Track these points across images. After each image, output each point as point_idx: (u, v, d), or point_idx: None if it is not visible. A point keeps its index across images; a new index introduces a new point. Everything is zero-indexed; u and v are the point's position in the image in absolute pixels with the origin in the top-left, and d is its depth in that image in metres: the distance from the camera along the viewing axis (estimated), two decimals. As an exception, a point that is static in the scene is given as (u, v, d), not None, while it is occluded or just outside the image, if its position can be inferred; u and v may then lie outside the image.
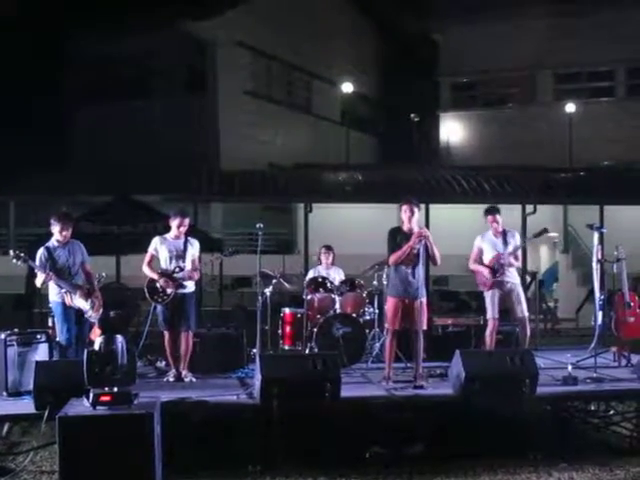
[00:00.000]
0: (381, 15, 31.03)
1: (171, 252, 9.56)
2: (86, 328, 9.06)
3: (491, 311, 10.01)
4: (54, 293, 9.01)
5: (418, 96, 29.88)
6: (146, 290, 9.58)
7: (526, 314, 10.08)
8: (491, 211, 10.26)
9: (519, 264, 10.43)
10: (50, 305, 9.13)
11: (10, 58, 22.88)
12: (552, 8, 26.72)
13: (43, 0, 23.21)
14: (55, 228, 9.02)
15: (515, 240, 10.14)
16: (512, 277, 10.08)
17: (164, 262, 9.56)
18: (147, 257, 9.64)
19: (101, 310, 9.18)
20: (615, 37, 26.28)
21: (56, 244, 9.03)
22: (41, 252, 8.96)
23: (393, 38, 31.37)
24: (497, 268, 9.97)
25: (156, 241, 9.63)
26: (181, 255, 9.57)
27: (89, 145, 23.83)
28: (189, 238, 9.73)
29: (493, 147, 27.81)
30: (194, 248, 9.72)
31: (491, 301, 10.02)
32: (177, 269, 9.50)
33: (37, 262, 8.93)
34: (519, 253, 10.21)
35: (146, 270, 9.60)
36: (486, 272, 10.02)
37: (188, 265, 9.57)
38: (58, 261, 8.95)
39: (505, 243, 10.08)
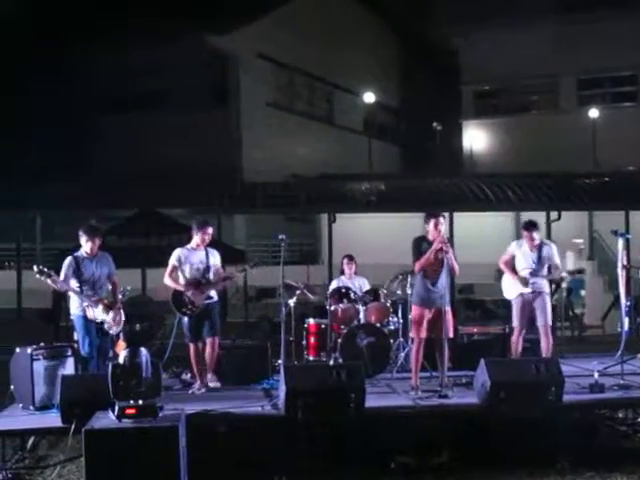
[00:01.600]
0: (402, 24, 31.09)
1: (195, 264, 9.55)
2: (108, 340, 9.07)
3: (516, 319, 10.02)
4: (75, 306, 9.02)
5: (440, 104, 29.91)
6: (172, 302, 9.55)
7: (549, 323, 10.02)
8: (528, 227, 10.14)
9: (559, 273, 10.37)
10: (71, 317, 9.16)
11: (33, 71, 23.11)
12: (574, 14, 26.65)
13: (67, 10, 23.44)
14: (82, 240, 9.08)
15: (550, 255, 10.04)
16: (539, 286, 10.04)
17: (189, 274, 9.56)
18: (169, 268, 9.62)
19: (122, 323, 9.20)
20: (637, 42, 26.15)
21: (85, 255, 9.06)
22: (69, 261, 9.00)
23: (415, 47, 31.42)
24: (527, 282, 9.94)
25: (178, 252, 9.62)
26: (205, 266, 9.59)
27: (113, 158, 23.97)
28: (208, 249, 9.73)
29: (516, 154, 27.73)
30: (215, 258, 9.72)
31: (516, 308, 10.04)
32: (204, 280, 9.51)
33: (63, 270, 8.94)
34: (557, 263, 10.14)
35: (168, 282, 9.58)
36: (516, 282, 9.99)
37: (211, 275, 9.60)
38: (85, 272, 8.97)
39: (539, 258, 10.01)
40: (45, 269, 8.79)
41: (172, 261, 9.60)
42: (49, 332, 14.06)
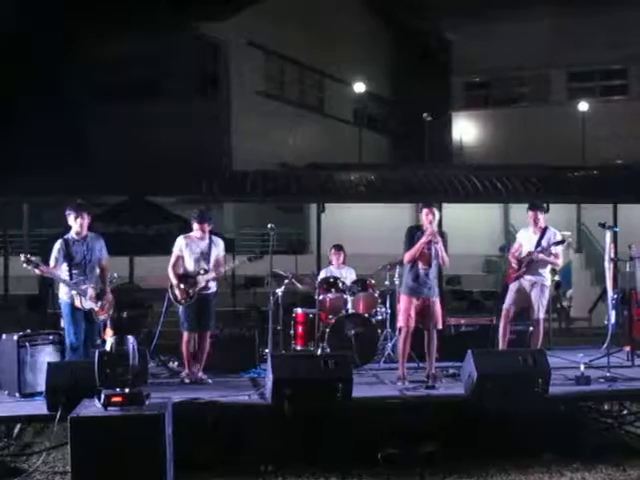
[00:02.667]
0: (394, 15, 31.03)
1: (196, 253, 9.47)
2: (95, 328, 8.93)
3: (506, 302, 10.02)
4: (64, 292, 8.89)
5: (431, 95, 29.88)
6: (169, 292, 9.53)
7: (541, 316, 10.01)
8: (532, 207, 10.16)
9: (557, 261, 10.22)
10: (59, 302, 9.04)
11: (24, 59, 23.01)
12: (565, 7, 26.66)
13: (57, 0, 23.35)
14: (70, 217, 8.86)
15: (550, 241, 9.97)
16: (538, 276, 10.00)
17: (189, 263, 9.49)
18: (172, 258, 9.52)
19: (111, 311, 9.12)
20: (628, 35, 26.22)
21: (75, 237, 8.87)
22: (59, 244, 8.83)
23: (406, 38, 31.35)
24: (525, 264, 9.91)
25: (181, 241, 9.53)
26: (206, 256, 9.50)
27: (102, 146, 23.88)
28: (213, 237, 9.64)
29: (506, 146, 27.76)
30: (218, 248, 9.63)
31: (510, 291, 10.03)
32: (202, 271, 9.44)
33: (54, 254, 8.81)
34: (556, 250, 10.04)
35: (170, 274, 9.48)
36: (514, 264, 10.01)
37: (210, 266, 9.51)
38: (76, 256, 8.82)
39: (539, 242, 9.99)
40: (32, 258, 8.69)
41: (175, 250, 9.52)
42: (36, 319, 13.99)
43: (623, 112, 27.40)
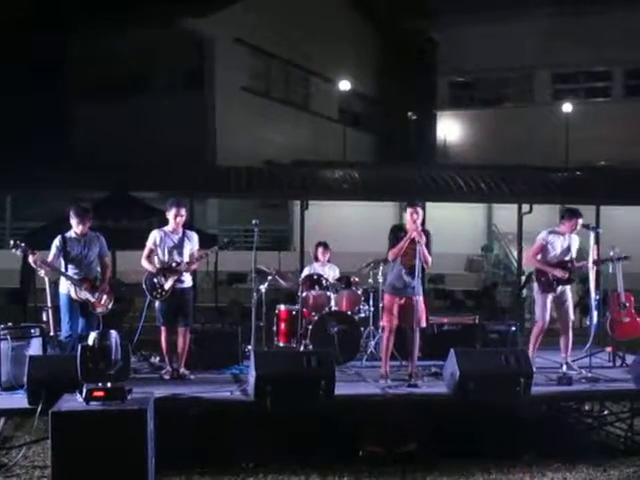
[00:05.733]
0: (380, 13, 31.05)
1: (169, 246, 9.44)
2: (94, 321, 8.97)
3: (541, 313, 9.88)
4: (63, 285, 9.02)
5: (416, 94, 29.95)
6: (144, 285, 9.49)
7: (572, 317, 10.02)
8: (577, 214, 9.88)
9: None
10: (59, 294, 9.10)
11: (10, 54, 22.90)
12: (550, 8, 26.76)
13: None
14: (73, 222, 9.07)
15: (576, 244, 10.00)
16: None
17: (162, 255, 9.48)
18: (146, 251, 9.53)
19: (109, 304, 9.15)
20: (613, 38, 26.36)
21: (73, 235, 9.07)
22: (57, 241, 9.01)
23: (391, 36, 31.40)
24: (568, 273, 9.89)
25: (155, 234, 9.53)
26: (179, 249, 9.49)
27: (86, 141, 23.80)
28: (187, 231, 9.63)
29: (490, 146, 27.84)
30: (192, 242, 9.60)
31: (543, 303, 9.89)
32: (174, 264, 9.42)
33: (52, 249, 8.97)
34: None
35: (145, 264, 9.49)
36: (558, 274, 9.81)
37: (186, 259, 9.50)
38: (71, 252, 8.97)
39: (569, 247, 9.96)
40: (22, 244, 8.78)
41: (149, 243, 9.52)
42: (16, 312, 13.90)
43: (607, 114, 27.54)
